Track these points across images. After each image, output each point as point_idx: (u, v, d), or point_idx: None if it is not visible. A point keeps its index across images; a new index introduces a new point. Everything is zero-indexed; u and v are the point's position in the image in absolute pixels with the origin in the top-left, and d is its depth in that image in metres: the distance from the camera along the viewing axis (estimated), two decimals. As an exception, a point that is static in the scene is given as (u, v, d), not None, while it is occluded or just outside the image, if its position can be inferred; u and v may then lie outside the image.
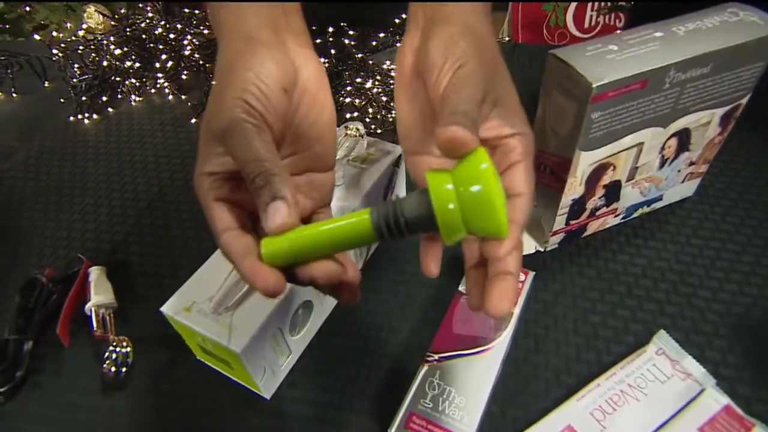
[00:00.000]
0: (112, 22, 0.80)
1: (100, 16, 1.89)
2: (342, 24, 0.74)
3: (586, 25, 1.83)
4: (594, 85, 0.37)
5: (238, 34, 0.30)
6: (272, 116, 0.28)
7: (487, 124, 0.28)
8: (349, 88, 0.66)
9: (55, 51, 0.78)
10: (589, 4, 1.80)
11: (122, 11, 0.91)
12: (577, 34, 1.84)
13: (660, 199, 0.53)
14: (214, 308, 0.38)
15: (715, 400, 0.39)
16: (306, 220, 0.32)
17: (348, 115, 0.64)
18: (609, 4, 1.76)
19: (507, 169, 0.28)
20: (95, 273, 0.50)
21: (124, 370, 0.44)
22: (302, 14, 0.33)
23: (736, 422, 0.38)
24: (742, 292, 0.47)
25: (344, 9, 0.74)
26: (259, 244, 0.26)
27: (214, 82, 0.29)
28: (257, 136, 0.26)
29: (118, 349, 0.44)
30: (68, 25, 1.84)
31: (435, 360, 0.41)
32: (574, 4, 1.77)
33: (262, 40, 0.29)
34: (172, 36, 0.75)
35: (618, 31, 0.41)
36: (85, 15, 1.87)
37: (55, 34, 0.79)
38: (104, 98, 0.74)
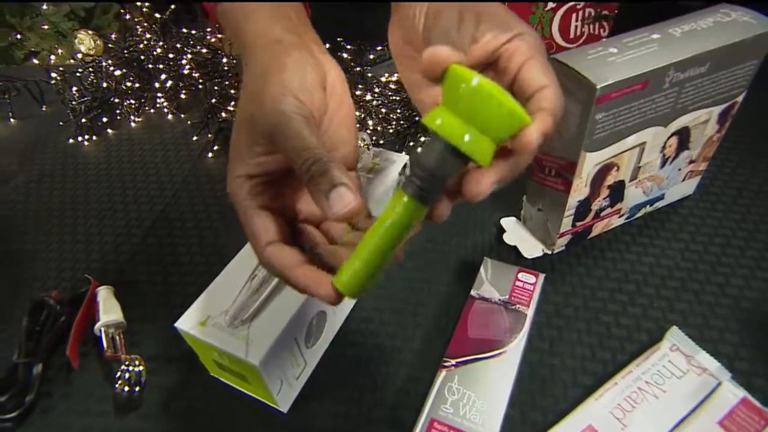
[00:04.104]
0: (110, 45, 0.81)
1: (92, 41, 1.90)
2: (339, 39, 0.75)
3: (572, 35, 1.87)
4: (598, 87, 0.38)
5: (266, 40, 0.30)
6: (316, 112, 0.28)
7: (481, 42, 0.26)
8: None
9: (53, 75, 0.79)
10: (574, 15, 1.84)
11: (113, 36, 0.92)
12: (563, 44, 1.88)
13: (662, 198, 0.54)
14: (229, 322, 0.38)
15: (732, 393, 0.39)
16: None
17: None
18: (594, 14, 1.81)
19: (518, 70, 0.26)
20: (103, 293, 0.49)
21: (137, 389, 0.43)
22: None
23: (755, 414, 0.38)
24: (749, 286, 0.48)
25: (341, 23, 0.75)
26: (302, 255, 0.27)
27: (244, 88, 0.29)
28: (307, 126, 0.26)
29: (130, 368, 0.43)
30: (59, 51, 1.85)
31: (452, 365, 0.41)
32: (558, 16, 1.81)
33: (293, 43, 0.30)
34: (170, 56, 0.75)
35: (603, 40, 0.42)
36: (76, 41, 1.88)
37: (54, 59, 0.79)
38: (104, 119, 0.74)
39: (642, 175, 0.49)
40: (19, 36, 1.85)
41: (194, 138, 0.70)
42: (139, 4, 0.76)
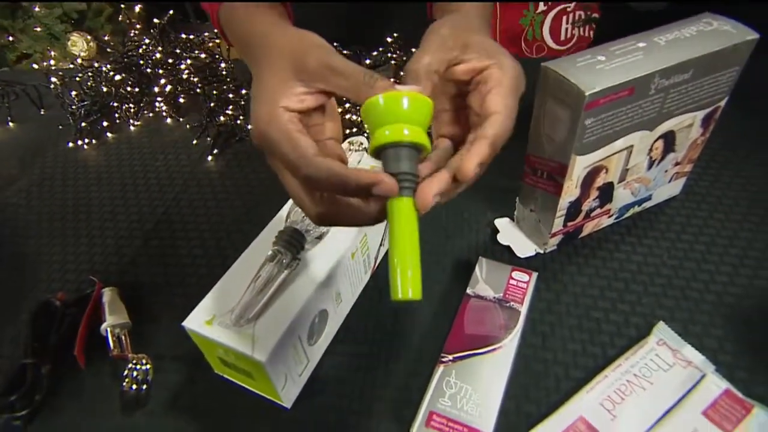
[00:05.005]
0: (108, 49, 0.82)
1: (85, 43, 1.90)
2: (335, 44, 0.77)
3: (562, 37, 1.90)
4: (587, 94, 0.39)
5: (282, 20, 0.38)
6: None
7: (464, 64, 0.32)
8: (347, 105, 0.68)
9: (53, 79, 0.79)
10: (564, 17, 1.87)
11: (106, 37, 0.92)
12: (554, 46, 1.90)
13: (649, 198, 0.56)
14: (235, 320, 0.39)
15: (716, 384, 0.41)
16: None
17: (347, 131, 0.66)
18: (583, 17, 1.83)
19: (484, 97, 0.31)
20: (108, 294, 0.51)
21: (144, 387, 0.44)
22: None
23: (737, 404, 0.40)
24: (732, 282, 0.50)
25: (337, 28, 0.77)
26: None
27: (274, 41, 0.33)
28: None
29: (138, 366, 0.44)
30: (52, 53, 1.85)
31: (450, 360, 0.42)
32: (549, 18, 1.84)
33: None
34: (170, 61, 0.76)
35: (591, 48, 0.44)
36: (69, 43, 1.88)
37: (53, 63, 0.80)
38: (104, 123, 0.75)
39: (630, 177, 0.51)
40: (11, 38, 1.85)
41: (194, 142, 0.72)
42: (138, 9, 0.77)
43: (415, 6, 0.58)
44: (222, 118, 0.72)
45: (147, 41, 0.79)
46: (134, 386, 0.44)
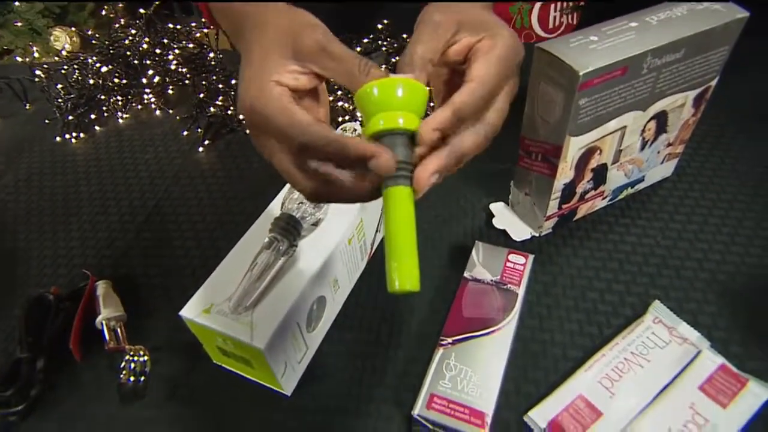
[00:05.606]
0: (93, 42, 0.80)
1: (68, 37, 1.87)
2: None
3: (551, 25, 1.90)
4: (581, 73, 0.39)
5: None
6: None
7: (456, 44, 0.32)
8: (339, 93, 0.68)
9: (38, 72, 0.78)
10: (552, 5, 1.87)
11: (89, 32, 0.91)
12: (543, 34, 1.90)
13: (642, 180, 0.56)
14: (233, 308, 0.39)
15: (711, 360, 0.42)
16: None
17: (340, 119, 0.66)
18: (571, 4, 1.83)
19: (470, 67, 0.30)
20: (102, 287, 0.50)
21: (142, 379, 0.44)
22: None
23: (732, 378, 0.40)
24: (725, 260, 0.50)
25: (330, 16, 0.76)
26: None
27: (267, 23, 0.31)
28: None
29: (135, 358, 0.44)
30: (34, 48, 1.81)
31: (449, 343, 0.42)
32: (537, 6, 1.84)
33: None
34: (157, 51, 0.75)
35: (584, 29, 0.43)
36: (51, 38, 1.84)
37: (37, 56, 0.79)
38: (92, 116, 0.74)
39: (623, 158, 0.51)
40: (-8, 34, 1.81)
41: (184, 133, 0.71)
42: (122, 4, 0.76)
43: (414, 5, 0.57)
44: (212, 109, 0.71)
45: (133, 32, 0.77)
46: (132, 378, 0.43)
